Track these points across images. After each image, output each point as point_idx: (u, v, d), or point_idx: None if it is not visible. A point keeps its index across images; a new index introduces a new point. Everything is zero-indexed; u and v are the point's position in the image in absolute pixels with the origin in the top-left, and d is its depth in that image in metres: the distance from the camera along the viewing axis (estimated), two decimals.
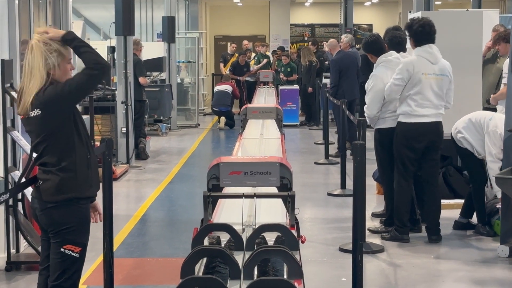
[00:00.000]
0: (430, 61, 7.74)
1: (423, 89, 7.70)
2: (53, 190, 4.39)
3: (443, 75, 7.79)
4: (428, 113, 7.73)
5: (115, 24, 12.61)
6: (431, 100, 7.73)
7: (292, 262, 3.83)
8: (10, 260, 6.93)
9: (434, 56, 7.77)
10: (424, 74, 7.70)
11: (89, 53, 4.35)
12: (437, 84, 7.76)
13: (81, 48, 4.37)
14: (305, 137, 17.26)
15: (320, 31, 29.16)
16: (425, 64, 7.72)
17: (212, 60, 27.48)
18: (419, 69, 7.69)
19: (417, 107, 7.70)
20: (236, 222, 4.66)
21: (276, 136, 8.68)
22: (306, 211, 9.41)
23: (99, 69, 4.34)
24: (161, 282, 6.72)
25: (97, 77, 4.38)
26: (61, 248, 4.43)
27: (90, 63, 4.33)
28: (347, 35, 15.48)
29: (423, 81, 7.69)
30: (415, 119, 7.72)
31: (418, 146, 7.76)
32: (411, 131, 7.74)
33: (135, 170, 12.46)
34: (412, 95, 7.70)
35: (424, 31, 7.76)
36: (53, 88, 4.34)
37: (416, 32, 7.79)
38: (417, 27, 7.77)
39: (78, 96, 4.42)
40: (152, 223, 9.13)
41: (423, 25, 7.76)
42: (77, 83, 4.33)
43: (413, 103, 7.71)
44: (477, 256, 7.44)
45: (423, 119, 7.72)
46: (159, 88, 16.94)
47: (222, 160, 4.75)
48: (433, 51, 7.78)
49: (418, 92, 7.70)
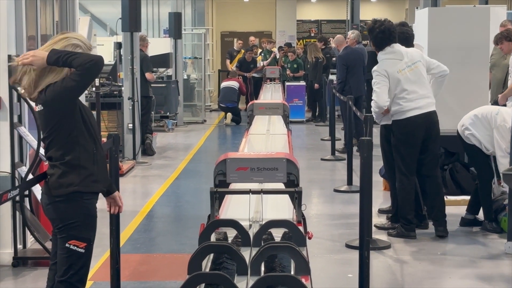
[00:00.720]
0: (397, 59, 7.76)
1: (405, 84, 7.71)
2: (57, 184, 4.41)
3: (416, 62, 7.80)
4: (419, 105, 7.74)
5: (121, 20, 12.61)
6: (416, 92, 7.74)
7: (299, 258, 3.83)
8: (17, 256, 6.94)
9: (399, 53, 7.80)
10: (399, 71, 7.72)
11: (78, 58, 4.34)
12: (415, 74, 7.76)
13: (68, 59, 4.33)
14: (311, 133, 17.25)
15: (327, 27, 29.12)
16: (394, 63, 7.74)
17: (219, 56, 27.47)
18: (392, 69, 7.71)
19: (406, 102, 7.72)
20: (243, 218, 4.66)
21: (282, 132, 8.67)
22: (312, 208, 9.41)
23: (90, 64, 4.34)
24: (168, 278, 6.73)
25: (91, 71, 4.38)
26: (66, 244, 4.44)
27: (81, 64, 4.33)
28: (353, 31, 15.46)
29: (401, 78, 7.71)
30: (408, 114, 7.72)
31: (417, 140, 7.76)
32: (407, 126, 7.74)
33: (142, 166, 12.47)
34: (397, 95, 7.72)
35: (383, 37, 7.81)
36: (52, 86, 4.37)
37: (376, 37, 7.84)
38: (377, 33, 7.82)
39: (75, 92, 4.41)
40: (158, 219, 9.14)
41: (383, 31, 7.80)
42: (73, 80, 4.35)
43: (401, 100, 7.72)
44: (484, 252, 7.43)
45: (416, 111, 7.72)
46: (166, 84, 16.95)
47: (229, 156, 4.75)
48: (395, 49, 7.81)
49: (402, 89, 7.71)
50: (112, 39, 15.96)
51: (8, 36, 6.90)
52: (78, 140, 4.43)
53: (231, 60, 21.87)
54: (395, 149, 7.87)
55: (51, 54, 4.36)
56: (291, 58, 20.24)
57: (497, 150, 7.79)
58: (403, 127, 7.76)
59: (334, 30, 27.91)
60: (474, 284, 6.61)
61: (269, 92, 15.68)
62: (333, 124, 13.67)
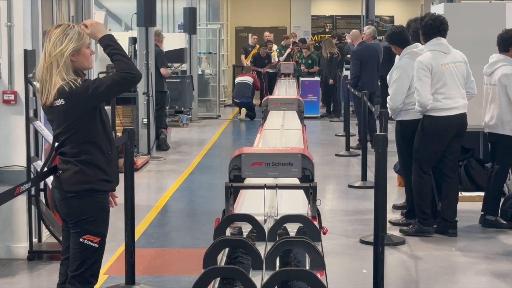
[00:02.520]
0: (443, 52, 7.70)
1: (447, 79, 7.63)
2: (73, 180, 4.41)
3: (460, 62, 7.74)
4: (457, 105, 7.67)
5: (136, 15, 12.64)
6: (457, 90, 7.68)
7: (314, 253, 3.83)
8: (32, 250, 6.97)
9: (445, 46, 7.73)
10: (443, 64, 7.65)
11: (122, 62, 4.36)
12: (458, 72, 7.71)
13: (114, 56, 4.38)
14: (325, 129, 17.24)
15: (342, 23, 29.06)
16: (440, 56, 7.67)
17: (233, 51, 27.47)
18: (437, 62, 7.64)
19: (445, 99, 7.63)
20: (258, 213, 4.67)
21: (297, 128, 8.67)
22: (327, 203, 9.40)
23: (129, 78, 4.34)
24: (182, 272, 6.74)
25: (126, 85, 4.41)
26: (80, 238, 4.45)
27: (121, 70, 4.34)
28: (369, 26, 15.44)
29: (445, 72, 7.64)
30: (445, 113, 7.63)
31: (446, 139, 7.69)
32: (442, 125, 7.64)
33: (156, 161, 12.49)
34: (438, 90, 7.63)
35: (433, 25, 7.71)
36: (83, 82, 4.35)
37: (425, 25, 7.75)
38: (427, 20, 7.74)
39: (103, 98, 4.42)
40: (173, 214, 9.15)
41: (434, 19, 7.72)
42: (106, 85, 4.33)
43: (441, 96, 7.62)
44: (499, 249, 7.41)
45: (453, 111, 7.64)
46: (180, 79, 16.97)
47: (244, 151, 4.75)
48: (442, 42, 7.73)
49: (444, 84, 7.62)
50: (127, 34, 15.98)
51: (24, 31, 6.93)
52: (95, 140, 4.44)
53: (246, 55, 21.87)
54: (422, 142, 7.75)
55: (107, 36, 4.43)
56: (305, 54, 20.23)
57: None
58: (437, 124, 7.66)
59: (349, 26, 27.85)
60: (489, 281, 6.60)
61: (284, 87, 15.67)
62: (347, 119, 13.65)
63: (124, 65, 4.35)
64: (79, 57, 4.43)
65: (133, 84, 4.44)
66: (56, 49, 4.38)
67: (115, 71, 4.37)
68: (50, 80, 4.37)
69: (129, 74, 4.34)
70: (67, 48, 4.38)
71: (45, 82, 4.40)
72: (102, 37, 4.44)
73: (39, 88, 4.45)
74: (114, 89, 4.37)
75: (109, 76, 4.37)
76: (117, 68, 4.35)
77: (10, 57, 6.88)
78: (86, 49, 4.45)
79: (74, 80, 4.35)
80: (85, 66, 4.48)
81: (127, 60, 4.39)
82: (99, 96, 4.36)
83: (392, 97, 8.00)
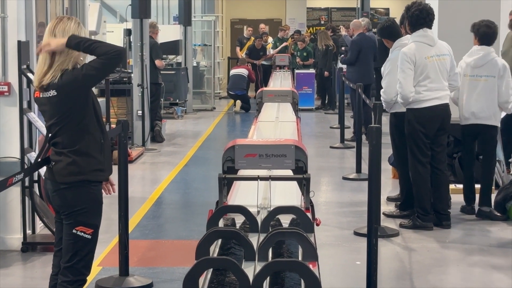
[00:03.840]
0: (429, 44, 7.69)
1: (430, 72, 7.64)
2: (65, 171, 4.42)
3: (444, 55, 7.74)
4: (439, 95, 7.68)
5: (131, 7, 12.62)
6: (439, 83, 7.69)
7: (307, 244, 3.83)
8: (26, 241, 6.97)
9: (430, 38, 7.72)
10: (427, 57, 7.65)
11: (101, 46, 4.39)
12: (442, 65, 7.70)
13: (91, 46, 4.38)
14: (320, 121, 17.25)
15: (337, 15, 29.01)
16: (425, 48, 7.67)
17: (228, 43, 27.43)
18: (421, 54, 7.64)
19: (426, 91, 7.63)
20: (251, 205, 4.67)
21: (291, 120, 8.67)
22: (321, 195, 9.41)
23: (114, 54, 4.37)
24: (176, 264, 6.75)
25: (114, 61, 4.42)
26: (73, 230, 4.45)
27: (105, 53, 4.36)
28: (363, 18, 15.45)
29: (428, 65, 7.64)
30: (427, 104, 7.63)
31: (431, 130, 7.70)
32: (424, 116, 7.65)
33: (151, 153, 12.49)
34: (420, 82, 7.63)
35: (420, 16, 7.70)
36: (70, 72, 4.37)
37: (412, 15, 7.74)
38: (414, 10, 7.73)
39: (94, 80, 4.46)
40: (167, 206, 9.16)
41: (421, 10, 7.71)
42: (94, 68, 4.36)
43: (422, 88, 7.62)
44: (493, 240, 7.43)
45: (434, 101, 7.65)
46: (175, 71, 16.95)
47: (238, 143, 4.75)
48: (427, 34, 7.72)
49: (426, 77, 7.63)
50: (122, 25, 15.97)
51: (18, 22, 6.91)
52: (88, 128, 4.44)
53: (241, 47, 21.85)
54: (410, 137, 7.76)
55: (71, 38, 4.39)
56: (300, 47, 20.23)
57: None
58: (421, 116, 7.66)
59: (344, 18, 27.81)
60: (482, 272, 6.62)
61: (279, 79, 15.67)
62: (342, 112, 13.65)
63: (105, 48, 4.37)
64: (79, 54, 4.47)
65: (120, 59, 4.46)
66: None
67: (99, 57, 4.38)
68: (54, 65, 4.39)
69: (113, 52, 4.36)
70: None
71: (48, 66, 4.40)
72: (67, 40, 4.40)
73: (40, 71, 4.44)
74: (103, 69, 4.40)
75: (95, 59, 4.38)
76: (100, 54, 4.36)
77: (4, 48, 6.87)
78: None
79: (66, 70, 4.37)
80: (80, 61, 4.50)
81: (105, 43, 4.45)
82: (90, 79, 4.40)
83: (385, 89, 8.00)
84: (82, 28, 4.51)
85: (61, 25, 4.45)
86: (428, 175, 7.77)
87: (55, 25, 4.46)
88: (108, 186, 4.73)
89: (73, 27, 4.46)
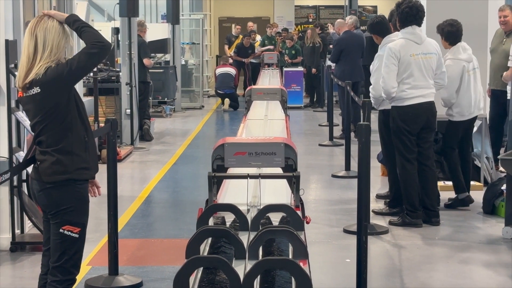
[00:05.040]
0: (416, 42, 7.71)
1: (414, 70, 7.65)
2: (50, 171, 4.40)
3: (431, 53, 7.75)
4: (423, 93, 7.69)
5: (119, 5, 12.60)
6: (423, 81, 7.70)
7: (297, 242, 3.83)
8: (15, 241, 6.94)
9: (418, 36, 7.73)
10: (412, 55, 7.66)
11: (90, 33, 4.41)
12: (427, 63, 7.72)
13: (83, 29, 4.43)
14: (309, 119, 17.25)
15: (325, 13, 29.04)
16: (411, 45, 7.68)
17: (217, 41, 27.42)
18: (406, 51, 7.65)
19: (410, 89, 7.64)
20: (241, 203, 4.66)
21: (280, 118, 8.66)
22: (310, 193, 9.41)
23: (99, 47, 4.38)
24: (165, 262, 6.73)
25: (97, 55, 4.42)
26: (60, 229, 4.43)
27: (90, 41, 4.37)
28: (351, 16, 15.45)
29: (412, 63, 7.65)
30: (411, 101, 7.65)
31: (415, 128, 7.71)
32: (408, 114, 7.67)
33: (140, 152, 12.46)
34: (404, 79, 7.65)
35: (410, 13, 7.71)
36: (54, 68, 4.35)
37: (402, 12, 7.75)
38: (404, 7, 7.74)
39: (78, 75, 4.46)
40: (156, 204, 9.14)
41: (411, 7, 7.72)
42: (78, 62, 4.36)
43: (406, 86, 7.64)
44: (482, 237, 7.44)
45: (418, 99, 7.66)
46: (164, 70, 16.91)
47: (227, 141, 4.74)
48: (415, 32, 7.74)
49: (410, 75, 7.65)
50: (110, 24, 15.91)
51: (5, 21, 6.88)
52: (71, 126, 4.42)
53: (230, 45, 21.84)
54: (395, 135, 7.78)
55: (72, 15, 4.49)
56: (289, 45, 20.23)
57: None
58: (405, 113, 7.68)
59: (332, 16, 27.84)
60: (472, 269, 6.63)
61: (267, 77, 15.65)
62: (331, 109, 13.66)
63: (93, 36, 4.39)
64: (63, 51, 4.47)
65: (104, 53, 4.44)
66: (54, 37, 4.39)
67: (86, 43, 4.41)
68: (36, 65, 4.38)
69: (99, 43, 4.37)
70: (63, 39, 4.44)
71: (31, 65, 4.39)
72: (68, 16, 4.48)
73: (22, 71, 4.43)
74: (87, 61, 4.39)
75: (80, 51, 4.40)
76: (87, 40, 4.38)
77: None
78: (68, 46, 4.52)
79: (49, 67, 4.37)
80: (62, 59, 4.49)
81: (96, 32, 4.44)
82: (75, 74, 4.39)
83: (374, 86, 8.01)
84: (64, 26, 4.49)
85: (41, 24, 4.43)
86: (415, 171, 7.78)
87: (35, 24, 4.44)
88: (94, 189, 4.71)
89: (55, 25, 4.44)
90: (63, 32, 4.46)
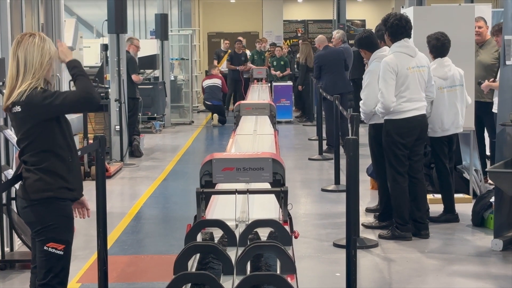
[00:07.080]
0: (410, 55, 7.73)
1: (411, 83, 7.67)
2: (33, 188, 4.41)
3: (424, 66, 7.79)
4: (417, 106, 7.72)
5: (107, 22, 12.61)
6: (418, 94, 7.73)
7: (285, 257, 3.83)
8: (4, 259, 6.93)
9: (412, 49, 7.77)
10: (409, 68, 7.69)
11: (84, 82, 4.44)
12: (421, 76, 7.75)
13: (79, 76, 4.47)
14: (299, 133, 17.28)
15: (313, 27, 29.12)
16: (406, 59, 7.71)
17: (206, 57, 27.45)
18: (403, 65, 7.68)
19: (405, 102, 7.66)
20: (229, 218, 4.66)
21: (269, 133, 8.68)
22: (300, 207, 9.42)
23: (87, 99, 4.40)
24: (156, 279, 6.73)
25: (82, 105, 4.50)
26: (45, 246, 4.44)
27: (82, 89, 4.39)
28: (338, 30, 15.51)
29: (409, 76, 7.68)
30: (405, 115, 7.66)
31: (410, 141, 7.73)
32: (403, 127, 7.69)
33: (129, 168, 12.46)
34: (401, 93, 7.65)
35: (400, 25, 7.74)
36: (40, 93, 4.36)
37: (392, 25, 7.77)
38: (393, 20, 7.77)
39: (57, 111, 4.45)
40: (146, 221, 9.13)
41: (399, 19, 7.75)
42: (63, 99, 4.38)
43: (402, 99, 7.64)
44: (471, 250, 7.46)
45: (413, 112, 7.69)
46: (153, 86, 16.94)
47: (215, 156, 4.75)
48: (409, 45, 7.78)
49: (407, 88, 7.66)
50: (99, 41, 15.93)
51: None
52: (54, 149, 4.44)
53: (219, 60, 21.86)
54: (388, 148, 7.77)
55: (73, 60, 4.54)
56: (278, 54, 20.28)
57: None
58: (400, 127, 7.69)
59: (321, 30, 27.91)
60: (461, 282, 6.64)
61: (256, 92, 15.68)
62: (320, 124, 13.67)
63: (86, 84, 4.43)
64: (50, 68, 4.47)
65: (89, 106, 4.48)
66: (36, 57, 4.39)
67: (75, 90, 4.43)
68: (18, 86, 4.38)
69: (88, 94, 4.39)
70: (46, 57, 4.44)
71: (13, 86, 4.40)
72: (71, 60, 4.54)
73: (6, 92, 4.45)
74: (70, 105, 4.41)
75: (70, 91, 4.44)
76: (78, 87, 4.41)
77: None
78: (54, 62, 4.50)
79: (35, 88, 4.36)
80: (49, 78, 4.50)
81: (89, 84, 4.47)
82: (53, 109, 4.39)
83: (365, 101, 8.02)
84: (48, 42, 4.49)
85: (22, 44, 4.45)
86: (406, 185, 7.79)
87: (16, 45, 4.46)
88: (83, 210, 4.72)
89: (36, 42, 4.44)
90: (44, 49, 4.45)
